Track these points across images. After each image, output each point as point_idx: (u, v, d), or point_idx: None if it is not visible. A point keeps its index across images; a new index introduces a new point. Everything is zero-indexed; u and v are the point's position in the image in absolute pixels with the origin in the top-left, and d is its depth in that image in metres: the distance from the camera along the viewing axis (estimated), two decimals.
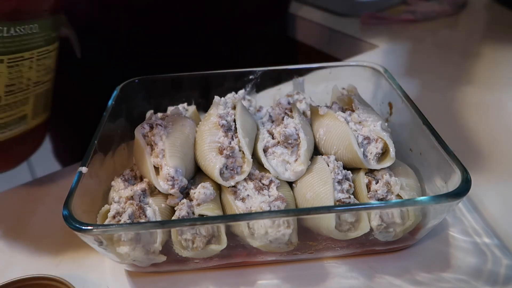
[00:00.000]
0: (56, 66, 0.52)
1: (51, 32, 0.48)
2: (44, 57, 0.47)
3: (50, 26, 0.47)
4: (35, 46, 0.45)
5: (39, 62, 0.47)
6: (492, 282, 0.39)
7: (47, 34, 0.47)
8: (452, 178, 0.39)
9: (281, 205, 0.39)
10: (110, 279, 0.42)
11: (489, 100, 0.67)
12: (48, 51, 0.48)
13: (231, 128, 0.46)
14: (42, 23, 0.45)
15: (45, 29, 0.46)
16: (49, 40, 0.48)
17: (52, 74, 0.52)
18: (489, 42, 0.90)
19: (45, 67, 0.49)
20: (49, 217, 0.50)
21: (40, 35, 0.46)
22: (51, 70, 0.51)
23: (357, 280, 0.40)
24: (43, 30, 0.46)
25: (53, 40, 0.49)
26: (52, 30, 0.48)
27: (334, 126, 0.47)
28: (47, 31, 0.47)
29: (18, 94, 0.46)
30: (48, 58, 0.49)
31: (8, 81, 0.44)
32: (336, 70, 0.58)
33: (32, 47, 0.45)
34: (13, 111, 0.46)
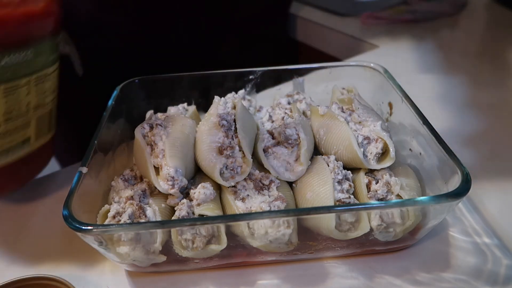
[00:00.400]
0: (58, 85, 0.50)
1: (48, 55, 0.45)
2: (43, 80, 0.45)
3: (48, 49, 0.45)
4: (32, 72, 0.43)
5: (38, 87, 0.45)
6: (492, 282, 0.39)
7: (44, 58, 0.44)
8: (452, 178, 0.39)
9: (281, 205, 0.39)
10: (110, 279, 0.42)
11: (489, 100, 0.67)
12: (46, 74, 0.45)
13: (231, 128, 0.46)
14: (38, 48, 0.43)
15: (42, 53, 0.44)
16: (46, 64, 0.45)
17: (54, 95, 0.49)
18: (489, 42, 0.90)
19: (45, 90, 0.46)
20: (49, 217, 0.50)
21: (37, 60, 0.43)
22: (52, 92, 0.48)
23: (357, 280, 0.40)
24: (39, 55, 0.43)
25: (51, 63, 0.46)
26: (50, 53, 0.45)
27: (334, 126, 0.47)
28: (44, 56, 0.44)
29: (18, 120, 0.44)
30: (48, 81, 0.46)
31: (6, 109, 0.41)
32: (336, 70, 0.58)
33: (29, 73, 0.43)
34: (14, 136, 0.44)
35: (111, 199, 0.43)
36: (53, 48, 0.46)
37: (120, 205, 0.40)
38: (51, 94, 0.48)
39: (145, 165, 0.43)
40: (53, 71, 0.47)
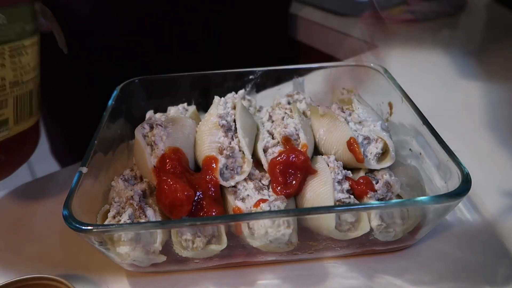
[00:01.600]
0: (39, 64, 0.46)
1: (24, 23, 0.41)
2: (19, 53, 0.41)
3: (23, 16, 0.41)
4: (4, 40, 0.39)
5: (14, 59, 0.41)
6: (492, 282, 0.39)
7: (18, 26, 0.40)
8: (452, 178, 0.39)
9: (281, 205, 0.39)
10: (110, 279, 0.42)
11: (489, 100, 0.67)
12: (23, 45, 0.42)
13: (231, 128, 0.46)
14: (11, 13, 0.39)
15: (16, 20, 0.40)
16: (22, 34, 0.41)
17: (35, 74, 0.45)
18: (489, 42, 0.90)
19: (23, 65, 0.42)
20: (49, 217, 0.50)
21: (9, 27, 0.39)
22: (31, 69, 0.44)
23: (357, 280, 0.40)
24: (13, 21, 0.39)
25: (28, 34, 0.42)
26: (26, 21, 0.42)
27: (334, 126, 0.47)
28: (19, 22, 0.41)
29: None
30: (25, 55, 0.42)
31: None
32: (336, 70, 0.58)
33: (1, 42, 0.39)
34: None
35: (111, 199, 0.43)
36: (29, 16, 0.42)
37: (120, 205, 0.40)
38: (30, 71, 0.44)
39: (145, 165, 0.43)
40: (30, 44, 0.43)
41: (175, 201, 0.38)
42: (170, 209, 0.39)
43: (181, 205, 0.38)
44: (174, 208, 0.39)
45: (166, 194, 0.39)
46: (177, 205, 0.38)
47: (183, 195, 0.38)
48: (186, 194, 0.38)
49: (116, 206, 0.40)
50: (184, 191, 0.38)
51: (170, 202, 0.39)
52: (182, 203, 0.38)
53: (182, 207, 0.38)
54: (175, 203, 0.38)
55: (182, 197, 0.38)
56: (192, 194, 0.39)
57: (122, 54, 0.74)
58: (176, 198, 0.38)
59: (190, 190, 0.39)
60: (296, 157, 0.42)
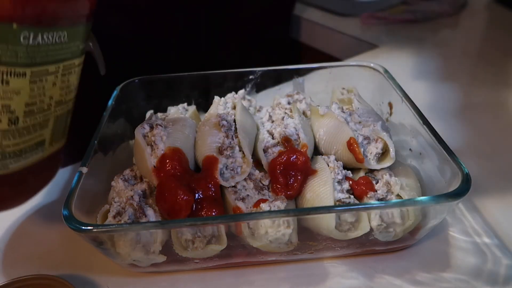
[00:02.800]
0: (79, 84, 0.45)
1: (80, 42, 0.41)
2: (70, 72, 0.41)
3: (80, 35, 0.40)
4: (62, 59, 0.38)
5: (64, 78, 0.40)
6: (492, 282, 0.39)
7: (75, 44, 0.40)
8: (452, 178, 0.39)
9: (281, 205, 0.39)
10: (110, 279, 0.42)
11: (489, 100, 0.67)
12: (74, 64, 0.41)
13: (231, 128, 0.46)
14: (73, 31, 0.39)
15: (75, 38, 0.39)
16: (76, 52, 0.41)
17: (75, 93, 0.44)
18: (489, 42, 0.90)
19: (69, 84, 0.41)
20: (49, 217, 0.50)
21: (68, 46, 0.39)
22: (74, 88, 0.43)
23: (357, 280, 0.40)
24: (72, 39, 0.39)
25: (80, 53, 0.42)
26: (81, 40, 0.41)
27: (334, 126, 0.47)
28: (76, 41, 0.40)
29: (38, 116, 0.38)
30: (74, 74, 0.42)
31: (29, 99, 0.36)
32: (336, 70, 0.58)
33: (59, 59, 0.38)
34: (31, 136, 0.38)
35: (111, 199, 0.43)
36: (85, 35, 0.42)
37: (120, 205, 0.40)
38: (73, 90, 0.43)
39: (145, 165, 0.43)
40: (79, 63, 0.43)
41: (174, 206, 0.38)
42: (169, 212, 0.39)
43: (180, 210, 0.38)
44: (173, 212, 0.39)
45: (166, 198, 0.39)
46: (176, 210, 0.38)
47: (182, 200, 0.38)
48: (186, 199, 0.38)
49: (116, 206, 0.40)
50: (184, 195, 0.38)
51: (169, 206, 0.39)
52: (181, 208, 0.38)
53: (180, 212, 0.38)
54: (174, 207, 0.38)
55: (181, 202, 0.38)
56: (191, 199, 0.39)
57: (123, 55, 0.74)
58: (175, 203, 0.38)
59: (190, 195, 0.39)
60: (296, 158, 0.42)
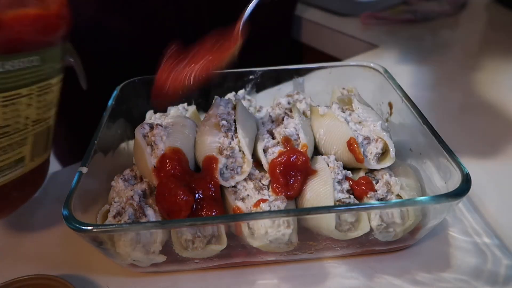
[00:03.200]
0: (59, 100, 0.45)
1: (54, 64, 0.41)
2: (46, 92, 0.40)
3: (54, 57, 0.40)
4: (36, 81, 0.38)
5: (40, 98, 0.40)
6: (492, 282, 0.39)
7: (49, 66, 0.40)
8: (452, 178, 0.39)
9: (281, 205, 0.39)
10: (110, 279, 0.42)
11: (489, 100, 0.67)
12: (50, 85, 0.41)
13: (231, 128, 0.46)
14: (45, 54, 0.38)
15: (48, 61, 0.39)
16: (52, 73, 0.40)
17: (55, 109, 0.44)
18: (489, 42, 0.90)
19: (47, 103, 0.41)
20: (49, 217, 0.50)
21: (41, 68, 0.38)
22: (53, 106, 0.43)
23: (357, 280, 0.40)
24: (45, 62, 0.39)
25: (56, 73, 0.42)
26: (56, 61, 0.41)
27: (334, 126, 0.47)
28: (51, 63, 0.40)
29: (14, 136, 0.38)
30: (51, 93, 0.41)
31: (2, 122, 0.36)
32: (336, 70, 0.58)
33: (32, 82, 0.38)
34: (8, 155, 0.39)
35: (111, 199, 0.43)
36: (59, 56, 0.42)
37: (120, 205, 0.40)
38: (52, 108, 0.43)
39: (145, 165, 0.43)
40: (56, 82, 0.42)
41: (174, 206, 0.38)
42: (169, 212, 0.39)
43: (180, 210, 0.38)
44: (173, 212, 0.39)
45: (165, 198, 0.39)
46: (176, 210, 0.38)
47: (182, 201, 0.38)
48: (185, 199, 0.38)
49: (116, 206, 0.40)
50: (183, 196, 0.38)
51: (169, 206, 0.39)
52: (181, 208, 0.38)
53: (180, 212, 0.38)
54: (174, 208, 0.38)
55: (181, 202, 0.38)
56: (191, 199, 0.39)
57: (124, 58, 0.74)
58: (175, 203, 0.38)
59: (190, 195, 0.39)
60: (296, 158, 0.42)
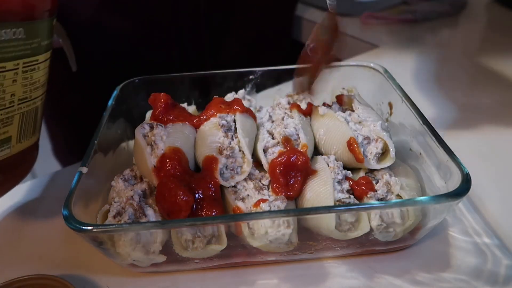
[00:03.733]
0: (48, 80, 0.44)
1: (41, 39, 0.40)
2: (32, 69, 0.40)
3: (40, 31, 0.40)
4: (20, 55, 0.37)
5: (26, 75, 0.39)
6: (492, 282, 0.39)
7: (35, 41, 0.39)
8: (452, 178, 0.39)
9: (281, 205, 0.39)
10: (110, 279, 0.42)
11: (489, 100, 0.67)
12: (36, 61, 0.40)
13: (231, 128, 0.46)
14: (30, 28, 0.38)
15: (34, 35, 0.39)
16: (38, 49, 0.40)
17: (43, 90, 0.44)
18: (489, 42, 0.90)
19: (34, 81, 0.41)
20: (49, 217, 0.50)
21: (27, 42, 0.38)
22: (41, 85, 0.42)
23: (357, 280, 0.40)
24: (30, 36, 0.38)
25: (43, 49, 0.41)
26: (43, 37, 0.40)
27: (334, 126, 0.47)
28: (36, 38, 0.39)
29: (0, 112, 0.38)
30: (37, 71, 0.41)
31: None
32: (336, 70, 0.58)
33: (17, 56, 0.37)
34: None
35: (111, 199, 0.43)
36: (47, 32, 0.41)
37: (120, 205, 0.40)
38: (40, 88, 0.42)
39: (145, 165, 0.43)
40: (44, 59, 0.41)
41: (174, 206, 0.38)
42: (169, 212, 0.39)
43: (180, 210, 0.38)
44: (173, 212, 0.39)
45: (165, 198, 0.39)
46: (176, 210, 0.38)
47: (182, 201, 0.38)
48: (185, 200, 0.38)
49: (116, 206, 0.40)
50: (183, 196, 0.38)
51: (169, 207, 0.39)
52: (181, 208, 0.38)
53: (180, 212, 0.38)
54: (174, 208, 0.38)
55: (181, 202, 0.38)
56: (191, 200, 0.39)
57: (124, 58, 0.74)
58: (175, 203, 0.38)
59: (190, 195, 0.39)
60: (296, 158, 0.42)
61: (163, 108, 0.47)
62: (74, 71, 0.51)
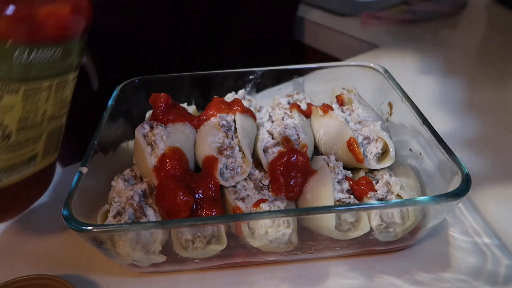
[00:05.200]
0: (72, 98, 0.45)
1: (74, 58, 0.41)
2: (63, 87, 0.41)
3: (75, 51, 0.41)
4: (56, 74, 0.39)
5: (57, 94, 0.40)
6: (492, 282, 0.39)
7: (70, 60, 0.40)
8: (452, 178, 0.39)
9: (281, 205, 0.39)
10: (110, 279, 0.42)
11: (489, 100, 0.67)
12: (68, 80, 0.41)
13: (231, 128, 0.46)
14: (67, 47, 0.39)
15: (70, 54, 0.40)
16: (70, 68, 0.41)
17: (68, 107, 0.44)
18: (489, 42, 0.90)
19: (63, 99, 0.42)
20: (49, 217, 0.50)
21: (63, 61, 0.39)
22: (67, 103, 0.43)
23: (357, 280, 0.40)
24: (67, 55, 0.39)
25: (74, 68, 0.42)
26: (75, 56, 0.41)
27: (334, 126, 0.47)
28: (71, 57, 0.40)
29: (31, 131, 0.38)
30: (67, 89, 0.42)
31: (22, 114, 0.36)
32: (336, 70, 0.58)
33: (53, 75, 0.38)
34: (23, 151, 0.38)
35: (111, 199, 0.43)
36: (79, 51, 0.42)
37: (120, 205, 0.40)
38: (66, 105, 0.43)
39: (145, 165, 0.43)
40: (74, 78, 0.43)
41: (174, 206, 0.38)
42: (168, 213, 0.39)
43: (179, 211, 0.38)
44: (173, 213, 0.39)
45: (165, 198, 0.39)
46: (176, 210, 0.38)
47: (182, 201, 0.38)
48: (185, 200, 0.38)
49: (116, 206, 0.40)
50: (183, 196, 0.38)
51: (169, 207, 0.39)
52: (181, 209, 0.38)
53: (180, 213, 0.38)
54: (174, 208, 0.38)
55: (181, 203, 0.38)
56: (191, 200, 0.39)
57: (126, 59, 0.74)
58: (175, 204, 0.38)
59: (189, 196, 0.39)
60: (296, 158, 0.42)
61: (163, 108, 0.47)
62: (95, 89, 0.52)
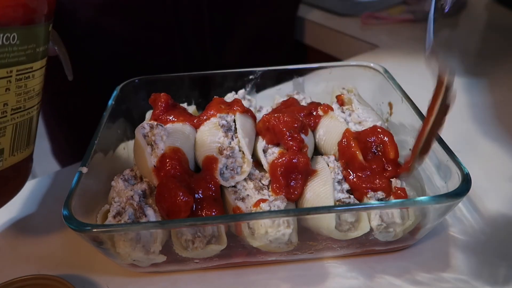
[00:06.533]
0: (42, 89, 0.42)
1: (36, 45, 0.38)
2: (27, 77, 0.38)
3: (36, 37, 0.38)
4: (14, 63, 0.35)
5: (20, 83, 0.37)
6: (492, 282, 0.39)
7: (30, 47, 0.37)
8: (452, 178, 0.39)
9: (281, 205, 0.39)
10: (110, 279, 0.42)
11: (489, 100, 0.67)
12: (31, 69, 0.38)
13: (231, 128, 0.46)
14: (25, 33, 0.36)
15: (29, 41, 0.37)
16: (33, 56, 0.38)
17: (38, 99, 0.41)
18: (489, 42, 0.90)
19: (28, 90, 0.38)
20: (49, 217, 0.50)
21: (21, 49, 0.36)
22: (36, 94, 0.40)
23: (357, 280, 0.40)
24: (25, 42, 0.36)
25: (39, 56, 0.39)
26: (38, 43, 0.38)
27: (334, 126, 0.47)
28: (31, 44, 0.37)
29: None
30: (32, 79, 0.39)
31: None
32: (336, 70, 0.58)
33: (10, 63, 0.35)
34: None
35: (111, 199, 0.43)
36: (43, 38, 0.39)
37: (120, 205, 0.40)
38: (35, 97, 0.40)
39: (145, 165, 0.43)
40: (39, 67, 0.39)
41: (174, 207, 0.38)
42: (168, 213, 0.39)
43: (179, 211, 0.38)
44: (173, 213, 0.39)
45: (165, 198, 0.39)
46: (175, 211, 0.38)
47: (182, 201, 0.38)
48: (185, 200, 0.38)
49: (116, 206, 0.40)
50: (183, 197, 0.38)
51: (169, 207, 0.39)
52: (180, 209, 0.38)
53: (180, 213, 0.38)
54: (174, 209, 0.38)
55: (181, 203, 0.38)
56: (191, 200, 0.39)
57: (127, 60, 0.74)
58: (175, 204, 0.38)
59: (190, 196, 0.39)
60: (297, 159, 0.42)
61: (163, 108, 0.47)
62: (70, 80, 0.49)
